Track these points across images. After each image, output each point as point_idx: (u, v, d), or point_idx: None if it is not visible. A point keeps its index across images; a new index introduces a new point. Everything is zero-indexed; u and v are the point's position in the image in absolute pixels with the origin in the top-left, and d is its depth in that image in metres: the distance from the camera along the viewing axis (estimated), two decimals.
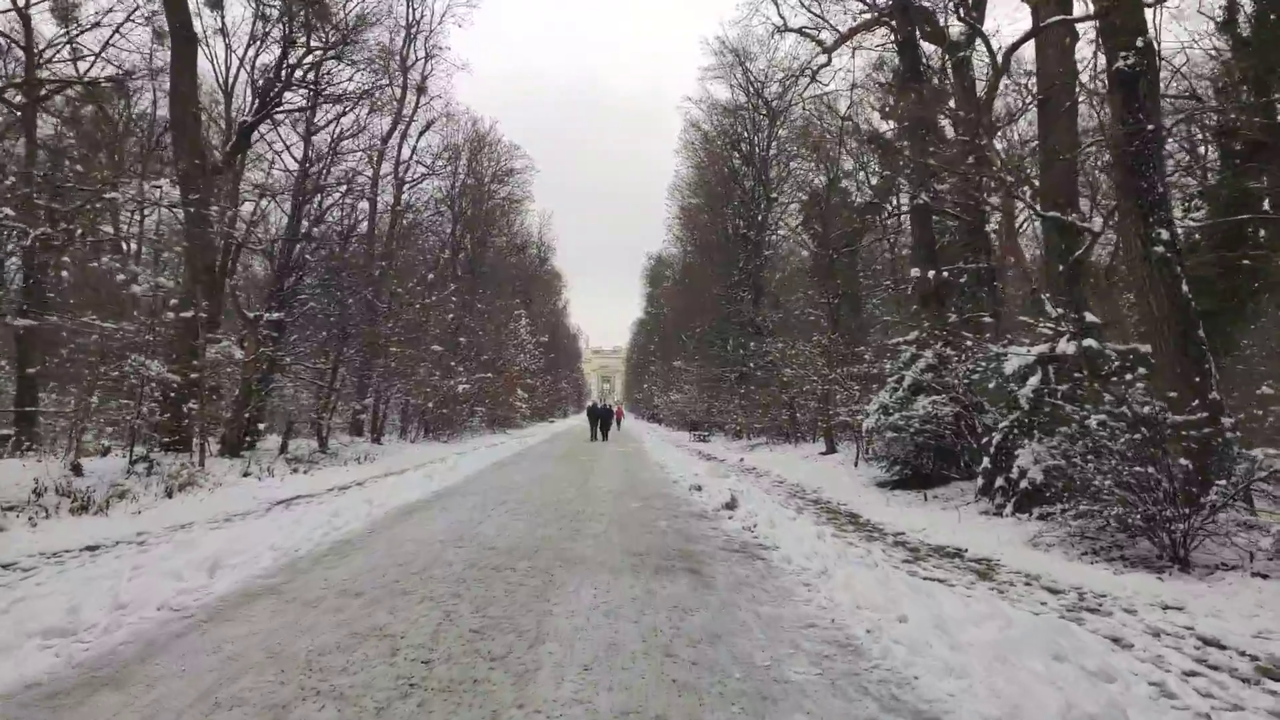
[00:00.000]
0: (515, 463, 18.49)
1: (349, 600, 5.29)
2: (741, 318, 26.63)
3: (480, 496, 11.36)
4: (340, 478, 14.47)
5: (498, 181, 45.55)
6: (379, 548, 7.23)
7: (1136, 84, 8.55)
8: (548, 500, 10.90)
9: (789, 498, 12.37)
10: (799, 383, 18.20)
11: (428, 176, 29.23)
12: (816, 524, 8.99)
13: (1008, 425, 9.70)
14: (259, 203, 17.57)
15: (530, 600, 5.29)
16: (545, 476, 14.65)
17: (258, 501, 11.22)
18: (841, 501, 11.72)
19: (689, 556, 6.96)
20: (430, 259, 28.78)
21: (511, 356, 41.36)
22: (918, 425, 11.33)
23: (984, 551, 7.59)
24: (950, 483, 12.12)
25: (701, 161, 34.88)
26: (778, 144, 26.11)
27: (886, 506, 10.62)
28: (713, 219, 32.76)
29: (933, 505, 10.68)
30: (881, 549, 7.83)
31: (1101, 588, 6.09)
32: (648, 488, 12.86)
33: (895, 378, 12.73)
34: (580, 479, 14.22)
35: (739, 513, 9.62)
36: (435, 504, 10.47)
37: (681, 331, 42.95)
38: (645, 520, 9.08)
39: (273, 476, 13.62)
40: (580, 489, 12.47)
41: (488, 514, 9.47)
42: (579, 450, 24.18)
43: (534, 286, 59.53)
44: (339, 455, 18.57)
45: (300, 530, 7.82)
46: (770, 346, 20.53)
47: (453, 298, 27.33)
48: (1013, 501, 9.34)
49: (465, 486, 12.82)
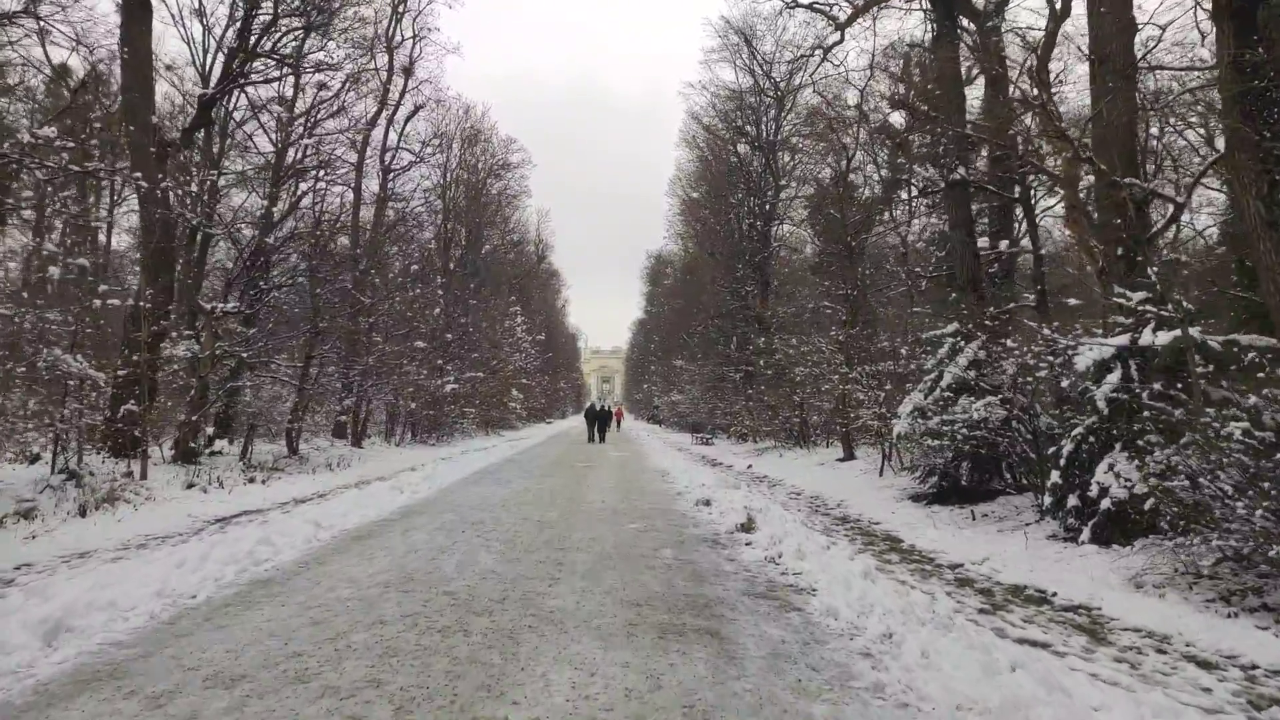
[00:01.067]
0: (502, 470, 16.84)
1: (212, 697, 3.64)
2: (748, 313, 24.99)
3: (453, 514, 9.71)
4: (301, 488, 12.83)
5: (493, 176, 44.04)
6: (299, 594, 5.58)
7: (1254, 12, 6.92)
8: (530, 520, 9.26)
9: (811, 514, 10.72)
10: (814, 382, 16.54)
11: (415, 164, 27.59)
12: (854, 553, 7.33)
13: (1082, 431, 8.05)
14: (217, 181, 15.90)
15: (476, 697, 3.64)
16: (532, 489, 13.00)
17: (191, 520, 9.58)
18: (873, 520, 10.07)
19: (704, 607, 5.31)
20: (418, 251, 27.11)
21: (506, 355, 39.71)
22: (965, 431, 9.68)
23: (1077, 596, 5.94)
24: (996, 497, 10.48)
25: (704, 153, 33.23)
26: (790, 127, 24.41)
27: (933, 529, 8.96)
28: (716, 210, 31.12)
29: (985, 527, 9.03)
30: (944, 590, 6.18)
31: (1272, 658, 4.44)
32: (648, 502, 11.22)
33: (932, 375, 11.08)
34: (572, 491, 12.57)
35: (759, 537, 7.98)
36: (395, 525, 8.82)
37: (683, 330, 41.31)
38: (646, 550, 7.43)
39: (221, 488, 11.97)
40: (570, 504, 10.82)
41: (454, 540, 7.82)
42: (574, 455, 22.53)
43: (531, 284, 57.93)
44: (310, 461, 16.93)
45: (208, 567, 6.17)
46: (781, 344, 18.87)
47: (439, 291, 25.69)
48: (1089, 525, 7.70)
49: (438, 501, 11.17)
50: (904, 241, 22.60)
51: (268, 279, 16.42)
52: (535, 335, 45.81)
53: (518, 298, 45.89)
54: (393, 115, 27.85)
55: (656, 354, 56.31)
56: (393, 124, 27.88)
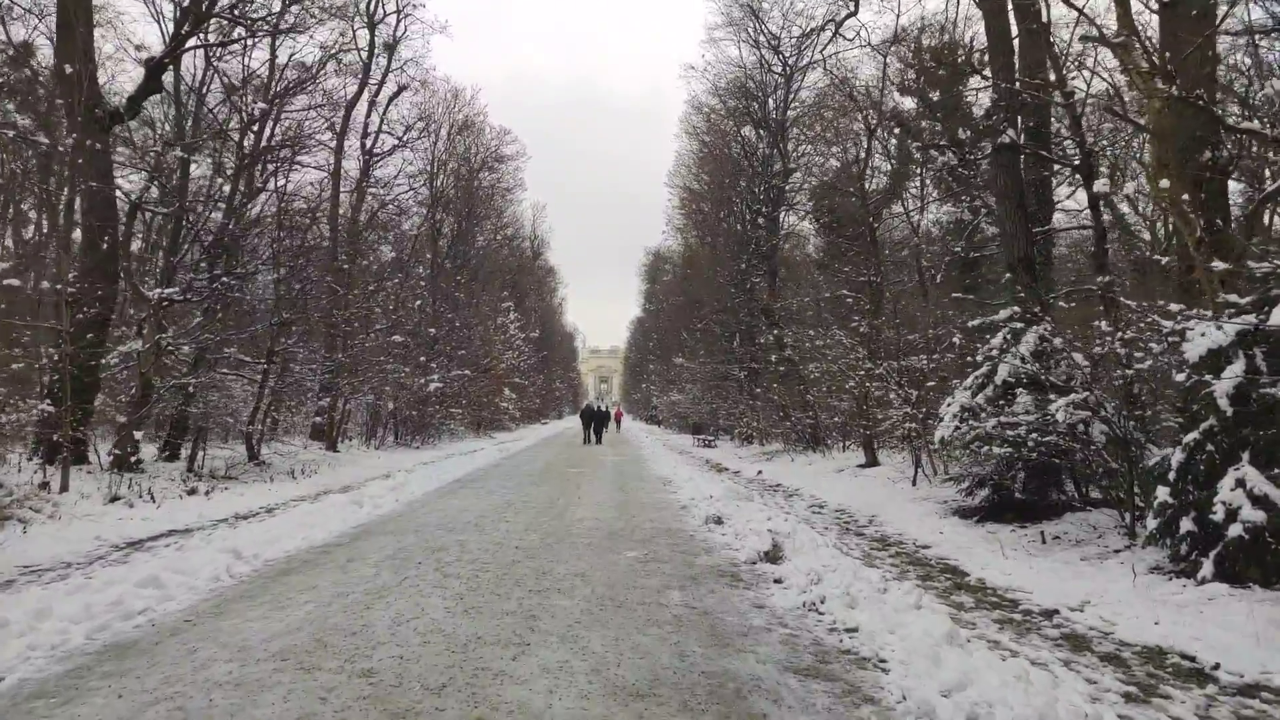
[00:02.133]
0: (485, 478, 15.17)
1: None
2: (753, 306, 23.31)
3: (414, 537, 8.04)
4: (248, 502, 11.14)
5: (486, 169, 42.38)
6: (155, 674, 3.90)
7: None
8: (506, 545, 7.59)
9: (844, 534, 9.06)
10: (836, 379, 14.87)
11: (399, 148, 25.86)
12: (918, 596, 5.65)
13: (1198, 437, 6.40)
14: (164, 155, 14.23)
15: None
16: (515, 502, 11.33)
17: (97, 544, 7.90)
18: (920, 542, 8.41)
19: (734, 697, 3.65)
20: (402, 242, 25.39)
21: (498, 353, 38.02)
22: (1036, 436, 8.02)
23: (1249, 668, 4.28)
24: (1062, 513, 8.83)
25: (705, 139, 31.46)
26: (798, 108, 22.71)
27: (999, 556, 7.29)
28: (718, 200, 29.46)
29: (1062, 554, 7.38)
30: (1055, 656, 4.52)
31: None
32: (649, 519, 9.55)
33: (983, 370, 9.43)
34: (560, 505, 10.91)
35: (789, 570, 6.33)
36: (336, 554, 7.14)
37: (683, 327, 39.63)
38: (647, 591, 5.76)
39: (152, 501, 10.28)
40: (557, 523, 9.14)
41: (403, 577, 6.14)
42: (568, 459, 20.86)
43: (526, 280, 56.27)
44: (272, 468, 15.25)
45: (44, 628, 4.50)
46: (793, 337, 17.21)
47: (422, 282, 23.99)
48: (1211, 557, 6.05)
49: (401, 518, 9.48)
50: (915, 231, 21.04)
51: (226, 266, 14.72)
52: (529, 332, 44.09)
53: (511, 293, 44.18)
54: (375, 96, 26.16)
55: (655, 352, 54.73)
56: (375, 106, 26.20)
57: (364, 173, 24.81)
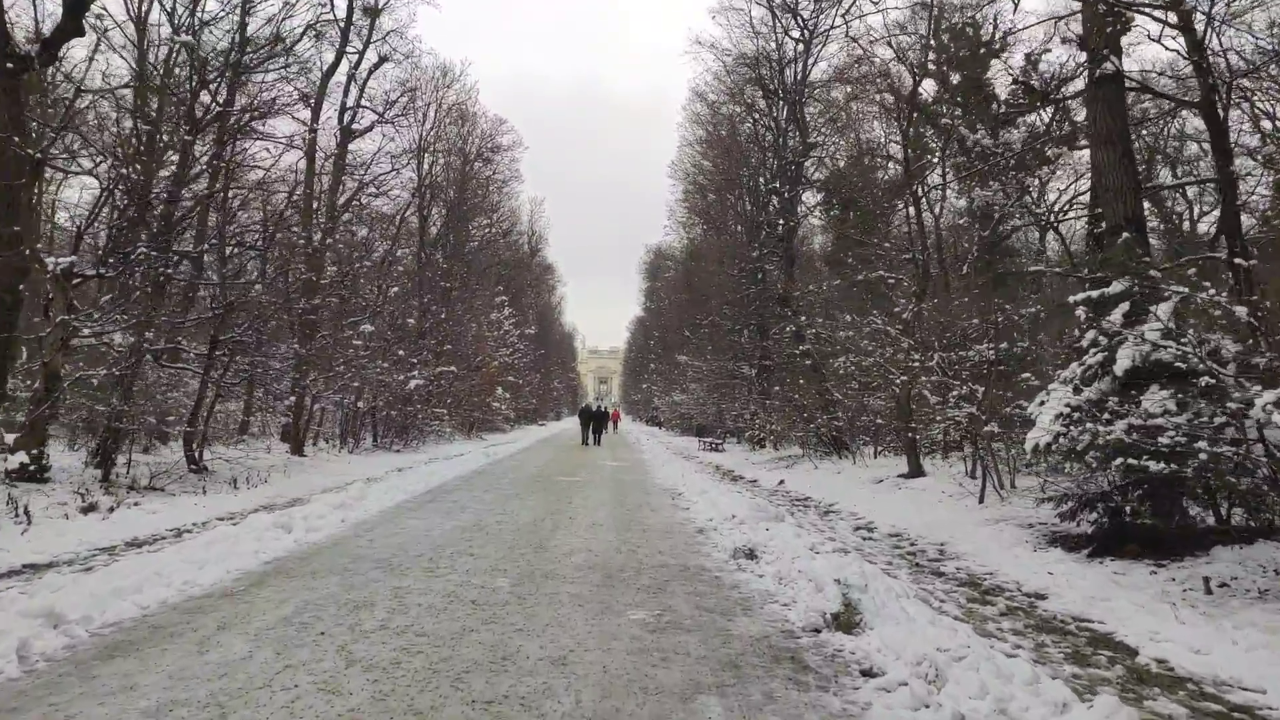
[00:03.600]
0: (462, 489, 12.98)
1: None
2: (767, 295, 21.13)
3: (336, 582, 5.85)
4: (157, 523, 8.93)
5: (481, 160, 40.27)
6: None
7: None
8: (460, 597, 5.40)
9: (915, 571, 6.87)
10: (872, 374, 12.66)
11: (380, 124, 23.62)
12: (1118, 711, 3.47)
13: None
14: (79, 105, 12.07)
15: None
16: (489, 523, 9.15)
17: None
18: (1029, 589, 6.21)
19: None
20: (381, 224, 23.16)
21: (492, 350, 35.81)
22: (1205, 446, 5.83)
23: None
24: (1208, 544, 6.65)
25: (713, 122, 29.20)
26: (820, 74, 20.50)
27: (1169, 620, 5.09)
28: (728, 182, 27.24)
29: (1248, 610, 5.19)
30: None
31: None
32: (658, 551, 7.36)
33: (1095, 358, 7.25)
34: (545, 529, 8.72)
35: (877, 647, 4.15)
36: (211, 614, 4.94)
37: (686, 324, 37.39)
38: (666, 700, 3.56)
39: (21, 523, 8.07)
40: (537, 556, 6.95)
41: (284, 665, 3.94)
42: (562, 464, 18.68)
43: (523, 275, 54.10)
44: (215, 477, 13.06)
45: None
46: (822, 327, 15.01)
47: (399, 267, 21.78)
48: None
49: (332, 550, 7.27)
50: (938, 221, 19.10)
51: (159, 240, 12.53)
52: (525, 329, 41.84)
53: (505, 288, 41.98)
54: (355, 68, 23.97)
55: (656, 350, 52.55)
56: (354, 79, 24.02)
57: (340, 146, 22.61)
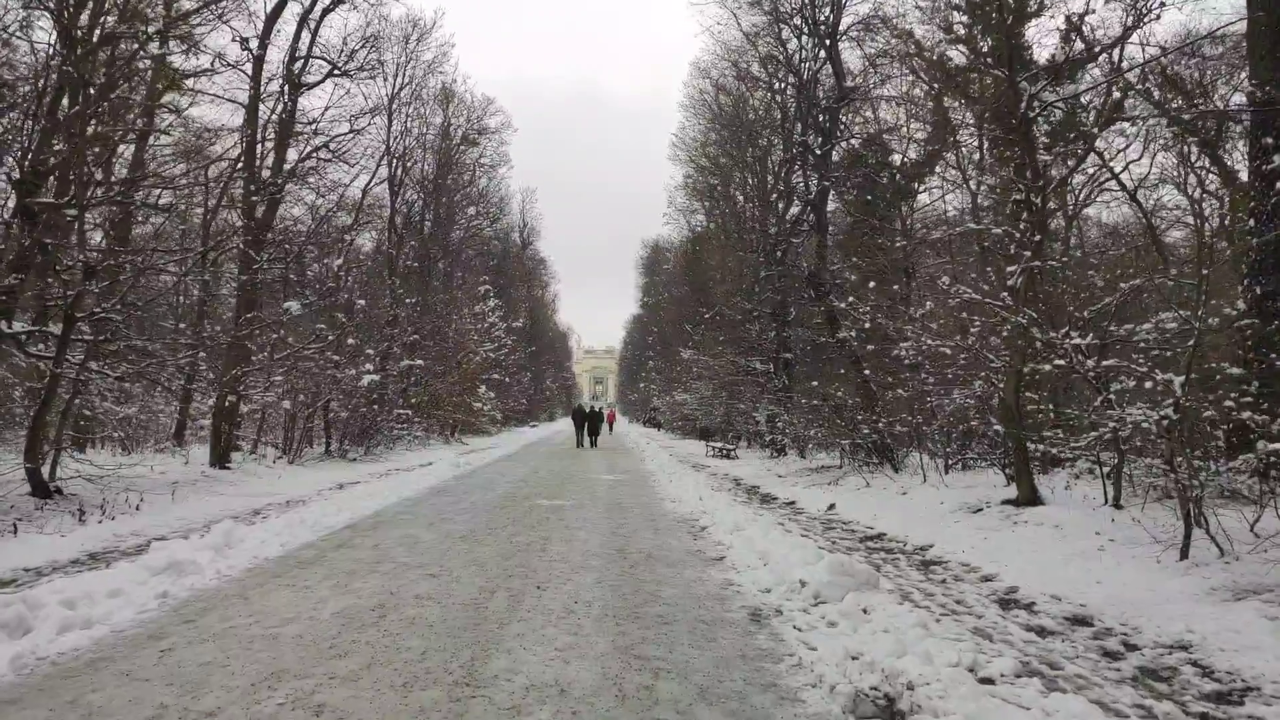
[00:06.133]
0: (395, 524, 9.47)
1: None
2: (790, 276, 17.70)
3: None
4: None
5: (467, 142, 36.83)
6: None
7: None
8: None
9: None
10: (970, 364, 9.20)
11: (335, 76, 20.09)
12: None
13: None
14: None
15: None
16: (404, 600, 5.67)
17: None
18: None
19: None
20: (333, 190, 19.60)
21: (475, 344, 32.29)
22: None
23: None
24: None
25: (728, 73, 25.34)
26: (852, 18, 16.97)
27: None
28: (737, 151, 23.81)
29: None
30: None
31: None
32: (699, 693, 3.87)
33: None
34: (490, 623, 5.23)
35: None
36: None
37: (687, 319, 33.97)
38: None
39: None
40: (467, 677, 3.44)
41: None
42: (544, 481, 15.19)
43: (515, 268, 50.61)
44: (74, 502, 9.56)
45: None
46: (867, 301, 11.55)
47: (347, 236, 18.24)
48: None
49: (56, 693, 3.77)
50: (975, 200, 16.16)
51: None
52: (511, 321, 38.26)
53: (491, 279, 38.48)
54: (308, 11, 20.41)
55: (655, 347, 49.11)
56: (306, 23, 20.46)
57: (290, 100, 19.04)
